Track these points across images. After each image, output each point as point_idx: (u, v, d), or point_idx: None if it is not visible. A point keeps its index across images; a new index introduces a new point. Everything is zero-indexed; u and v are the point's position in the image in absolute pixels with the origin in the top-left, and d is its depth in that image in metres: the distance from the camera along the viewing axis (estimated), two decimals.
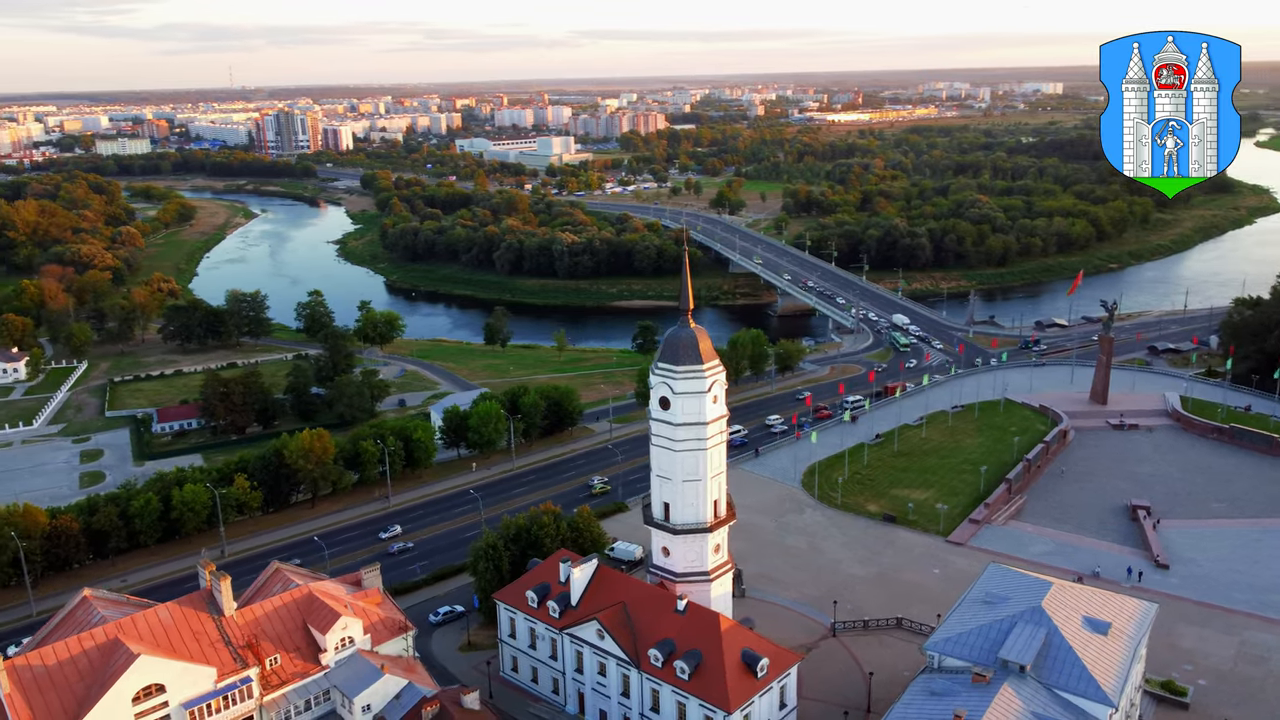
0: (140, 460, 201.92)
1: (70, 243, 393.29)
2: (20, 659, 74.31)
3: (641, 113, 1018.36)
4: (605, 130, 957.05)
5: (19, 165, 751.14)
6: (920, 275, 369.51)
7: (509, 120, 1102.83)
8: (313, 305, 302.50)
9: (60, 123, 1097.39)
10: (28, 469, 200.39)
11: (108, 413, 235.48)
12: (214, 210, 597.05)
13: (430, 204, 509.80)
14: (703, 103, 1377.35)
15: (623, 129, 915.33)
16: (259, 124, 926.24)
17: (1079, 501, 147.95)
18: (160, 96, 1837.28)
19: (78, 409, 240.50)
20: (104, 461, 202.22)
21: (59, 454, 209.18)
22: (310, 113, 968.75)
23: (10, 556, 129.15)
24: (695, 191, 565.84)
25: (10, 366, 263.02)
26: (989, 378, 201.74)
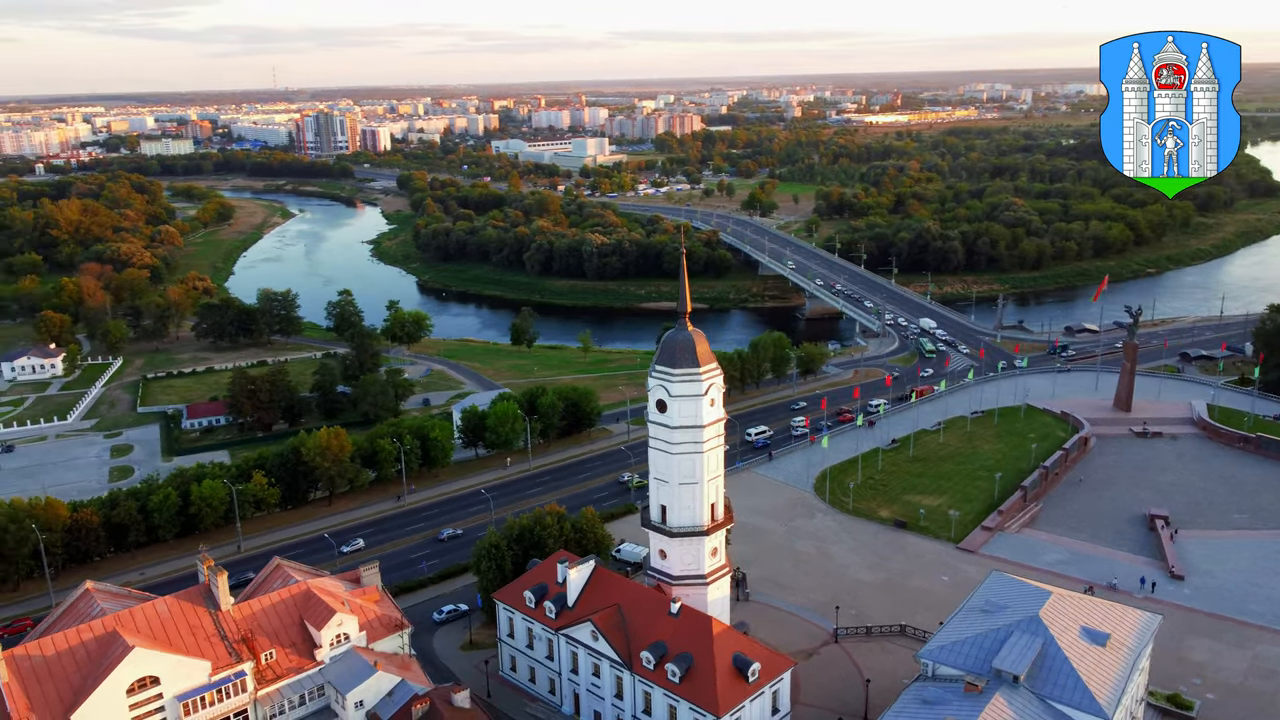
0: (168, 456, 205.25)
1: (111, 241, 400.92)
2: (19, 649, 76.21)
3: (677, 114, 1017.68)
4: (641, 132, 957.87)
5: (66, 165, 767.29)
6: (951, 279, 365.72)
7: (546, 121, 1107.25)
8: (342, 304, 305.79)
9: (108, 124, 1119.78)
10: (60, 463, 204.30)
11: (139, 408, 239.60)
12: (252, 210, 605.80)
13: (464, 205, 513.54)
14: (740, 104, 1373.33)
15: (658, 130, 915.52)
16: (299, 125, 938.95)
17: (1096, 510, 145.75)
18: (206, 98, 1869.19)
19: (111, 404, 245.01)
20: (133, 456, 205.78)
21: (91, 448, 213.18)
22: (349, 114, 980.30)
23: (30, 548, 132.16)
24: (728, 193, 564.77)
25: (48, 362, 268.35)
26: (1010, 383, 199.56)
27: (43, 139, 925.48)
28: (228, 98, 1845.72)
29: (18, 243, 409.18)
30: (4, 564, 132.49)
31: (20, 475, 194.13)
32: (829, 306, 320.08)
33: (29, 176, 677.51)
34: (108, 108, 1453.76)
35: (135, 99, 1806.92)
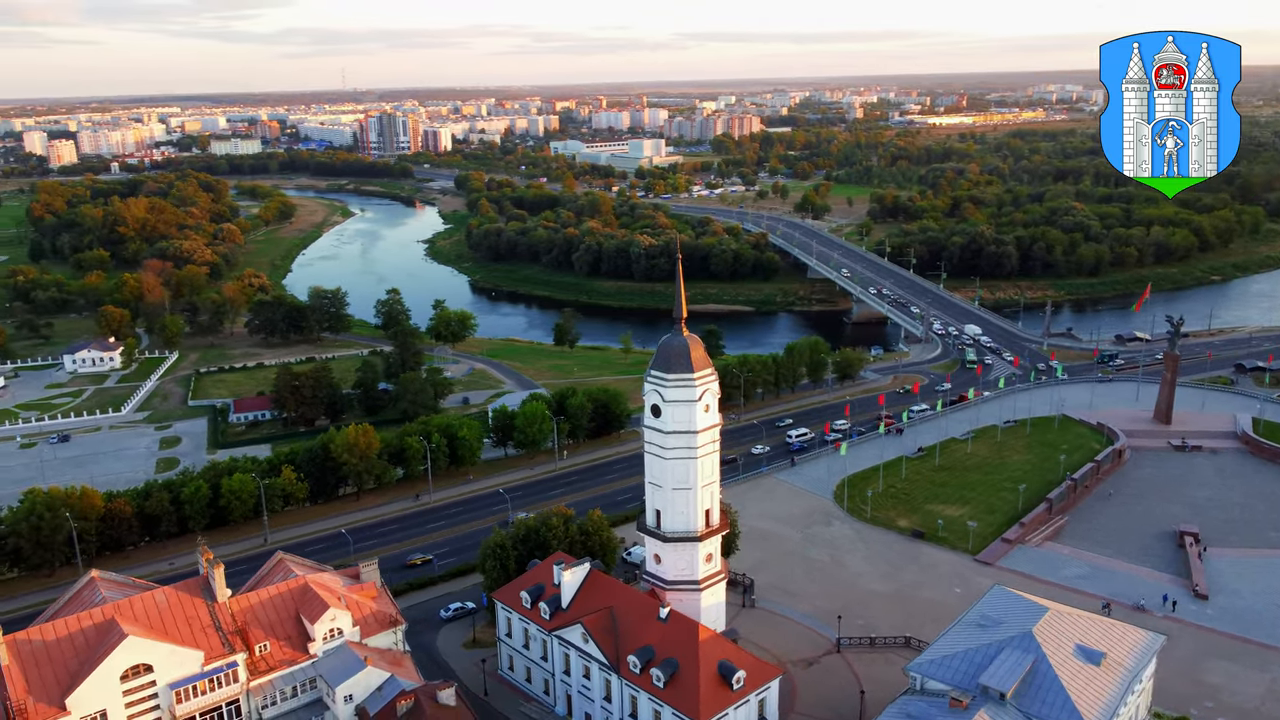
0: (214, 448, 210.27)
1: (175, 238, 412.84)
2: (21, 634, 79.39)
3: (737, 115, 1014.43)
4: (700, 133, 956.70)
5: (140, 164, 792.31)
6: (1005, 284, 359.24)
7: (606, 123, 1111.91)
8: (390, 303, 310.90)
9: (181, 124, 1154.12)
10: (112, 453, 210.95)
11: (190, 402, 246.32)
12: (313, 209, 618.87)
13: (518, 205, 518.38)
14: (802, 105, 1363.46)
15: (717, 132, 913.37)
16: (363, 125, 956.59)
17: (1124, 525, 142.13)
18: (276, 98, 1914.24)
19: (164, 397, 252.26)
20: (181, 449, 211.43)
21: (141, 440, 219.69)
22: (411, 115, 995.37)
23: (65, 536, 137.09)
24: (781, 195, 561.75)
25: (107, 355, 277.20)
26: (1046, 392, 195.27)
27: (119, 138, 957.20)
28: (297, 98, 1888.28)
29: (87, 239, 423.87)
30: (41, 550, 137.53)
31: (73, 464, 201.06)
32: (876, 311, 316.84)
33: (104, 175, 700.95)
34: (183, 108, 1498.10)
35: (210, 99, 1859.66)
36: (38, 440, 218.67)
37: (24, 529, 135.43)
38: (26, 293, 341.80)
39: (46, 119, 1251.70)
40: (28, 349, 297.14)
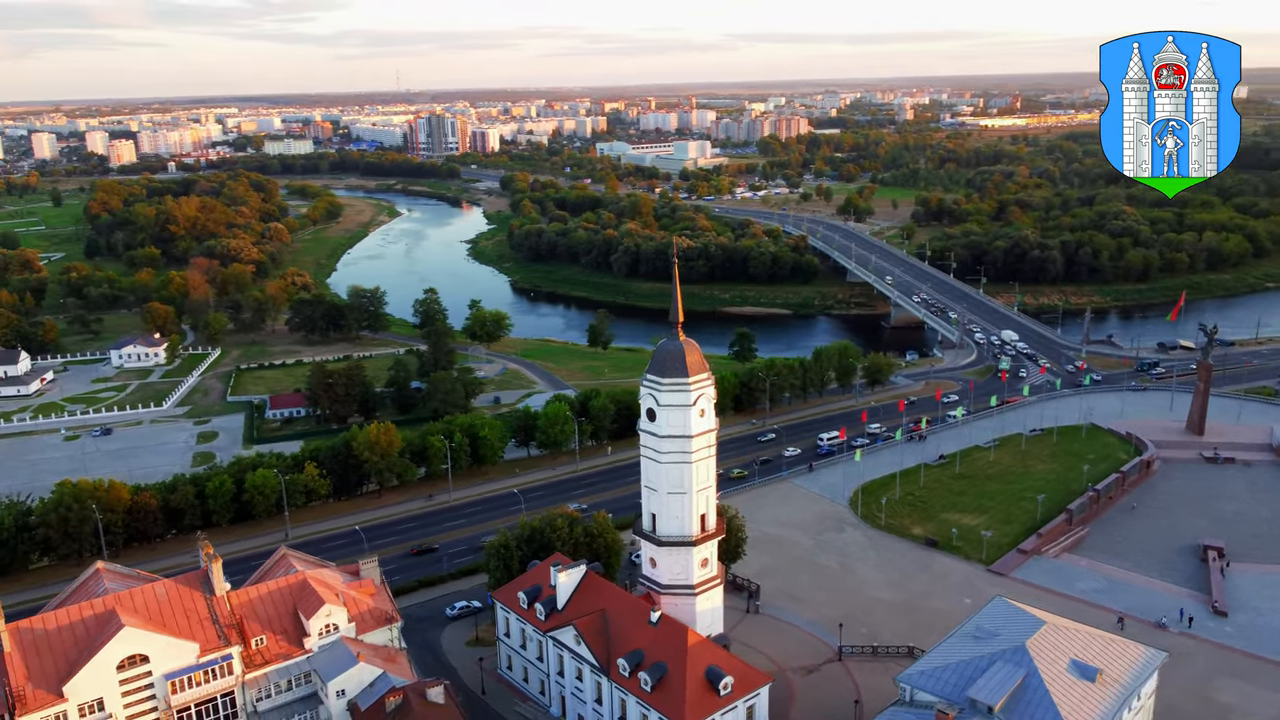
0: (249, 444, 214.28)
1: (223, 237, 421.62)
2: (24, 622, 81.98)
3: (785, 117, 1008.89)
4: (747, 134, 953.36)
5: (196, 163, 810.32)
6: (1049, 289, 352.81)
7: (653, 124, 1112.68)
8: (427, 302, 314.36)
9: (238, 124, 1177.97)
10: (151, 447, 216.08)
11: (229, 397, 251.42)
12: (361, 208, 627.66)
13: (560, 206, 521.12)
14: (852, 107, 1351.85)
15: (763, 133, 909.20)
16: (412, 126, 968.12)
17: (1146, 538, 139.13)
18: (331, 99, 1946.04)
19: (204, 393, 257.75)
20: (217, 443, 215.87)
21: (180, 434, 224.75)
22: (460, 116, 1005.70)
23: (92, 527, 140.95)
24: (825, 197, 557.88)
25: (152, 351, 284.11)
26: (1076, 400, 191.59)
27: (177, 138, 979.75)
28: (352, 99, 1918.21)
29: (140, 237, 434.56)
30: (69, 540, 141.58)
31: (113, 457, 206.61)
32: (914, 315, 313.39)
33: (160, 174, 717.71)
34: (240, 109, 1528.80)
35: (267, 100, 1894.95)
36: (81, 433, 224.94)
37: (53, 520, 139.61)
38: (79, 289, 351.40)
39: (110, 119, 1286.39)
40: (78, 344, 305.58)
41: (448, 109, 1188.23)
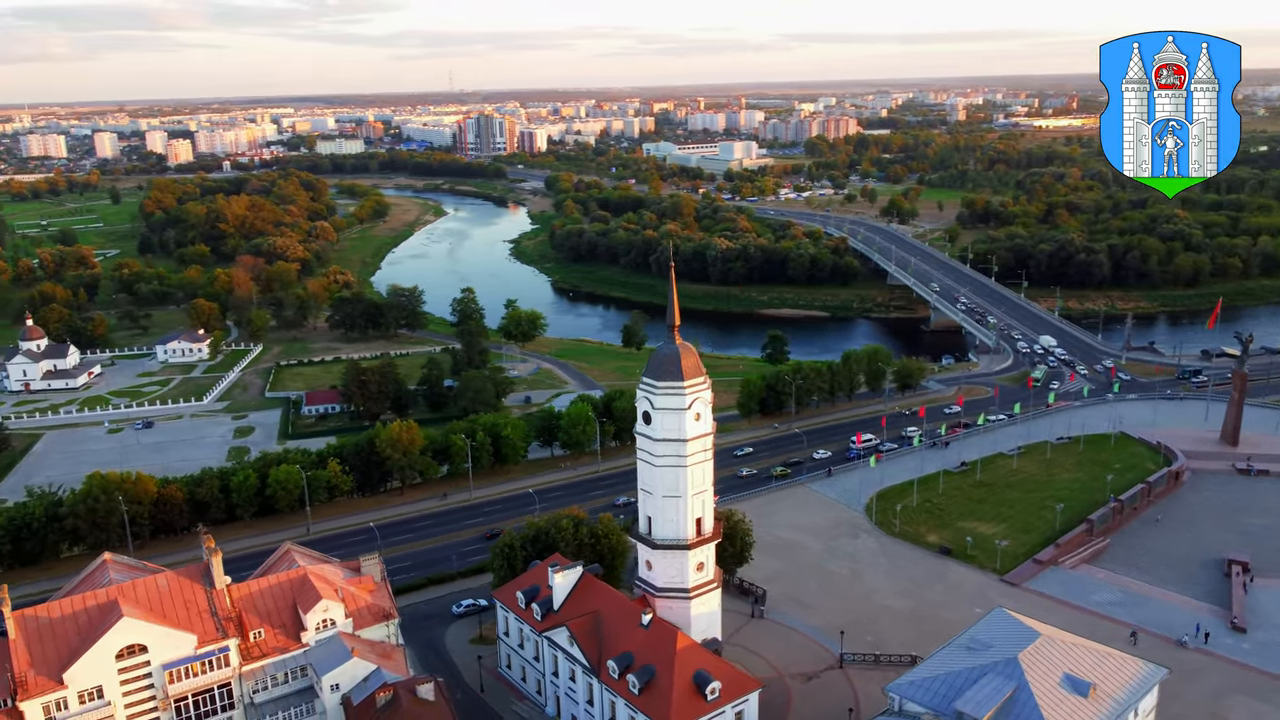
0: (283, 439, 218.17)
1: (270, 235, 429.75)
2: (29, 610, 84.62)
3: (833, 117, 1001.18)
4: (795, 135, 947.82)
5: (249, 163, 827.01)
6: (1094, 294, 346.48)
7: (701, 124, 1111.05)
8: (464, 301, 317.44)
9: (292, 124, 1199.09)
10: (189, 440, 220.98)
11: (268, 393, 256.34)
12: (407, 207, 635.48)
13: (603, 206, 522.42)
14: (903, 107, 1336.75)
15: (811, 134, 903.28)
16: (461, 126, 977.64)
17: (1169, 550, 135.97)
18: (385, 100, 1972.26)
19: (244, 388, 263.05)
20: (253, 438, 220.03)
21: (218, 428, 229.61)
22: (508, 116, 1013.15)
23: (119, 518, 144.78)
24: (870, 199, 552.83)
25: (196, 346, 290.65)
26: (1105, 408, 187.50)
27: (233, 138, 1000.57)
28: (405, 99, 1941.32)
29: (191, 235, 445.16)
30: (97, 531, 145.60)
31: (153, 450, 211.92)
32: (953, 319, 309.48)
33: (215, 173, 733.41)
34: (296, 109, 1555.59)
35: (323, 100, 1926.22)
36: (124, 426, 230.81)
37: (81, 510, 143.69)
38: (130, 285, 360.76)
39: (170, 119, 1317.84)
40: (126, 338, 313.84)
41: (498, 109, 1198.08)
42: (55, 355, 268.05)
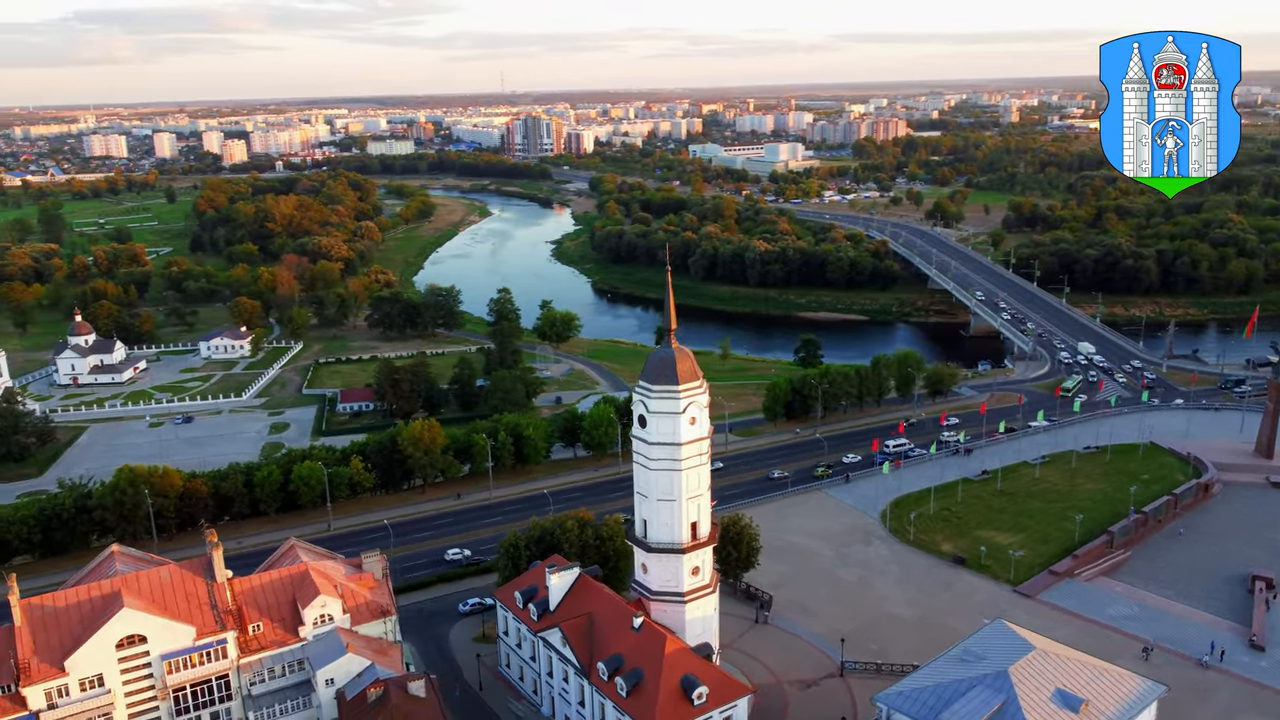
0: (317, 435, 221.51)
1: (316, 234, 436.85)
2: (35, 599, 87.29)
3: (883, 119, 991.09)
4: (843, 136, 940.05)
5: (301, 163, 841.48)
6: (1142, 300, 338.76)
7: (749, 126, 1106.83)
8: (500, 301, 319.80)
9: (345, 125, 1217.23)
10: (226, 436, 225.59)
11: (305, 390, 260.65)
12: (453, 208, 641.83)
13: (645, 208, 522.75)
14: (955, 109, 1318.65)
15: (860, 135, 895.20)
16: (509, 127, 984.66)
17: (1192, 565, 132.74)
18: (438, 101, 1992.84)
19: (282, 385, 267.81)
20: (288, 434, 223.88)
21: (254, 424, 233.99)
22: (556, 118, 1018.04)
23: (145, 511, 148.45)
24: (915, 202, 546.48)
25: (237, 343, 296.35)
26: (1135, 418, 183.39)
27: (287, 139, 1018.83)
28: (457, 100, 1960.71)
29: (239, 233, 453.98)
30: (124, 523, 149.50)
31: (190, 444, 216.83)
32: (993, 325, 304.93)
33: (267, 173, 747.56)
34: (350, 109, 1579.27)
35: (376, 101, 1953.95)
36: (165, 420, 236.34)
37: (109, 502, 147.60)
38: (179, 283, 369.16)
39: (228, 120, 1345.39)
40: (173, 335, 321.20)
41: (548, 110, 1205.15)
42: (102, 350, 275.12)
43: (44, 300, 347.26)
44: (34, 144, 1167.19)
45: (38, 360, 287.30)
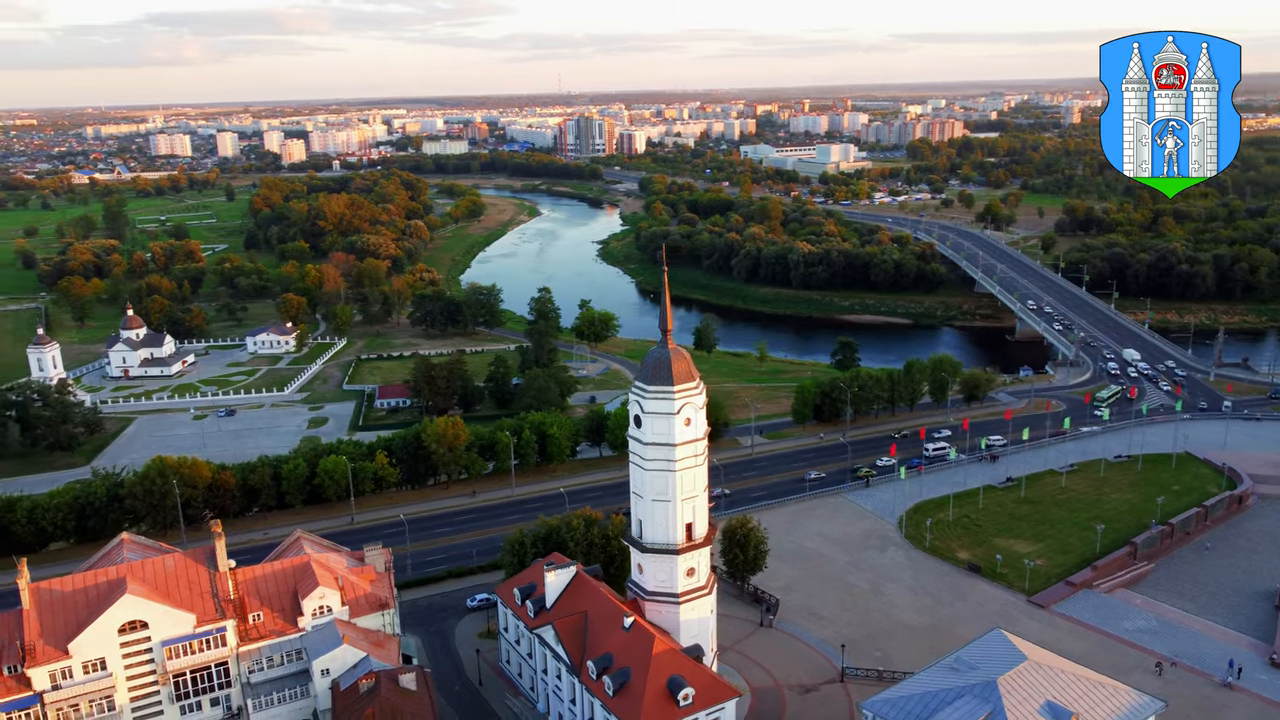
0: (353, 430, 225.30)
1: (366, 233, 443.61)
2: (44, 583, 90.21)
3: (939, 120, 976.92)
4: (898, 138, 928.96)
5: (358, 162, 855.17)
6: (1197, 307, 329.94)
7: (803, 126, 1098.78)
8: (541, 300, 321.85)
9: (403, 125, 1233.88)
10: (266, 429, 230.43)
11: (345, 385, 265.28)
12: (503, 207, 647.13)
13: (692, 209, 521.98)
14: (1015, 109, 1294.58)
15: (915, 136, 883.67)
16: (561, 128, 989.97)
17: (1218, 579, 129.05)
18: (495, 101, 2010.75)
19: (324, 380, 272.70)
20: (326, 429, 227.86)
21: (294, 418, 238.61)
22: (608, 118, 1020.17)
23: (173, 501, 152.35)
24: (967, 204, 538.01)
25: (283, 339, 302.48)
26: (1170, 427, 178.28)
27: (345, 138, 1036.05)
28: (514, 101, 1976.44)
29: (292, 231, 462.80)
30: (155, 512, 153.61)
31: (231, 437, 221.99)
32: (1036, 329, 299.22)
33: (324, 172, 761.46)
34: (408, 110, 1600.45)
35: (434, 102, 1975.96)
36: (208, 413, 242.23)
37: (139, 492, 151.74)
38: (231, 279, 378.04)
39: (291, 120, 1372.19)
40: (223, 330, 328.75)
41: (602, 111, 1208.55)
42: (153, 344, 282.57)
43: (102, 295, 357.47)
44: (104, 143, 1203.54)
45: (93, 353, 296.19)
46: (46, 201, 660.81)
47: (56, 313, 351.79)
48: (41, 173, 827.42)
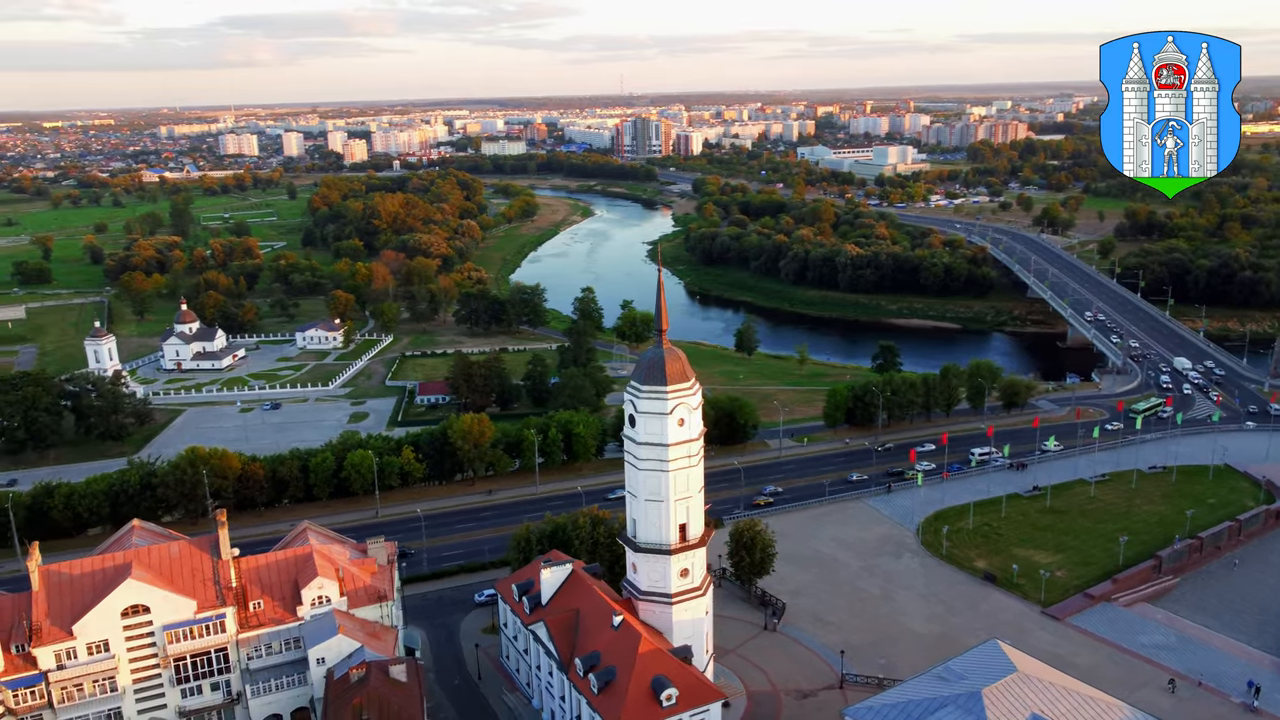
0: (393, 426, 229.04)
1: (418, 232, 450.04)
2: (54, 566, 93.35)
3: (1002, 121, 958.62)
4: (959, 139, 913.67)
5: (417, 162, 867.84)
6: (1261, 314, 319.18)
7: (863, 128, 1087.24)
8: (584, 300, 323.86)
9: (464, 125, 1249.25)
10: (308, 422, 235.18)
11: (388, 381, 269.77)
12: (557, 208, 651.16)
13: (744, 210, 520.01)
14: (1083, 111, 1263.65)
15: (977, 138, 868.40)
16: (619, 129, 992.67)
17: (1245, 596, 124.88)
18: (557, 102, 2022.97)
19: (368, 376, 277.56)
20: (366, 423, 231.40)
21: (337, 413, 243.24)
22: (665, 119, 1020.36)
23: (204, 491, 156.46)
24: (1025, 207, 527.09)
25: (330, 335, 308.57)
26: (1210, 439, 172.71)
27: (406, 139, 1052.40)
28: (576, 102, 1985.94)
29: (347, 230, 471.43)
30: (186, 501, 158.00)
31: (275, 429, 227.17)
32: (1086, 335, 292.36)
33: (384, 172, 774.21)
34: (471, 110, 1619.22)
35: (497, 103, 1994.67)
36: (254, 406, 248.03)
37: (171, 481, 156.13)
38: (286, 275, 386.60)
39: (356, 120, 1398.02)
40: (276, 325, 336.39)
41: (661, 112, 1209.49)
42: (205, 338, 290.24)
43: (163, 290, 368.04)
44: (176, 142, 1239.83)
45: (150, 346, 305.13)
46: (118, 199, 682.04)
47: (118, 306, 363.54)
48: (115, 171, 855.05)
